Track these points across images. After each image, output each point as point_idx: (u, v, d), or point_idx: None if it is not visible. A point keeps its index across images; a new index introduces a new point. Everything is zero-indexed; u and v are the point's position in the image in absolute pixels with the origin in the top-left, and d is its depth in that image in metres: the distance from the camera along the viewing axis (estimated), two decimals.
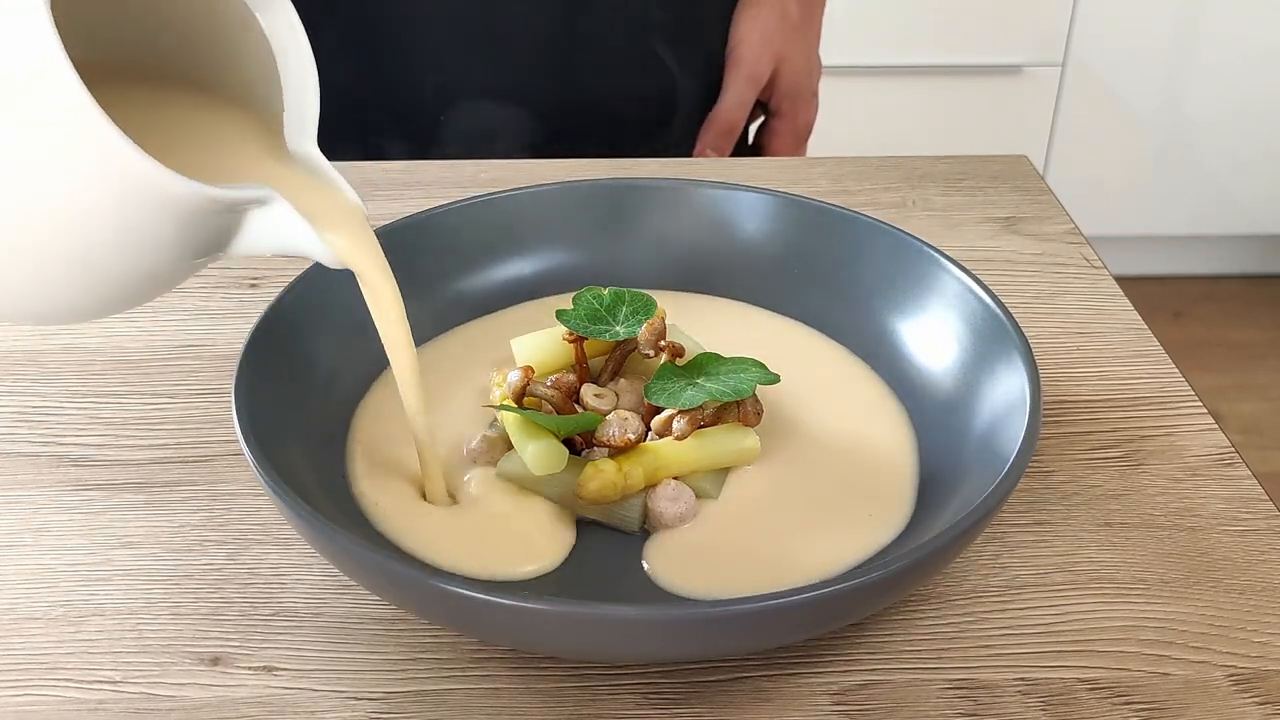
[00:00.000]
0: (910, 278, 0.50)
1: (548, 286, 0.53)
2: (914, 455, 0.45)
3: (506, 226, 0.53)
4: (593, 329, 0.46)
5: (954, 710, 0.38)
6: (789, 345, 0.51)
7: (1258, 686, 0.39)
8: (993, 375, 0.44)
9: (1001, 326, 0.45)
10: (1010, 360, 0.44)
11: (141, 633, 0.40)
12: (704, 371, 0.44)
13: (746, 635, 0.36)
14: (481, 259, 0.53)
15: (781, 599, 0.34)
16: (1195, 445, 0.49)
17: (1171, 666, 0.39)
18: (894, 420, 0.47)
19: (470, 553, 0.41)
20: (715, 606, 0.34)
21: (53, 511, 0.45)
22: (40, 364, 0.53)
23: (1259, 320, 2.28)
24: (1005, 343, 0.44)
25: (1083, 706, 0.38)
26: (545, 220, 0.54)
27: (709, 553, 0.41)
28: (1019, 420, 0.41)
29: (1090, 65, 2.09)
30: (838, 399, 0.48)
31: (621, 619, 0.34)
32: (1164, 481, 0.47)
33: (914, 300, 0.49)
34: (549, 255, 0.54)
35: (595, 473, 0.41)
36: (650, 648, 0.37)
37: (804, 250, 0.53)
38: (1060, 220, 0.64)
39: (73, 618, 0.41)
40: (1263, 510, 0.45)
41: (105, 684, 0.38)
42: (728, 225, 0.54)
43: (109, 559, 0.43)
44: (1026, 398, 0.42)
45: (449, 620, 0.37)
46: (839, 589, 0.34)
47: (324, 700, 0.38)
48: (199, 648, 0.40)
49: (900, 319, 0.50)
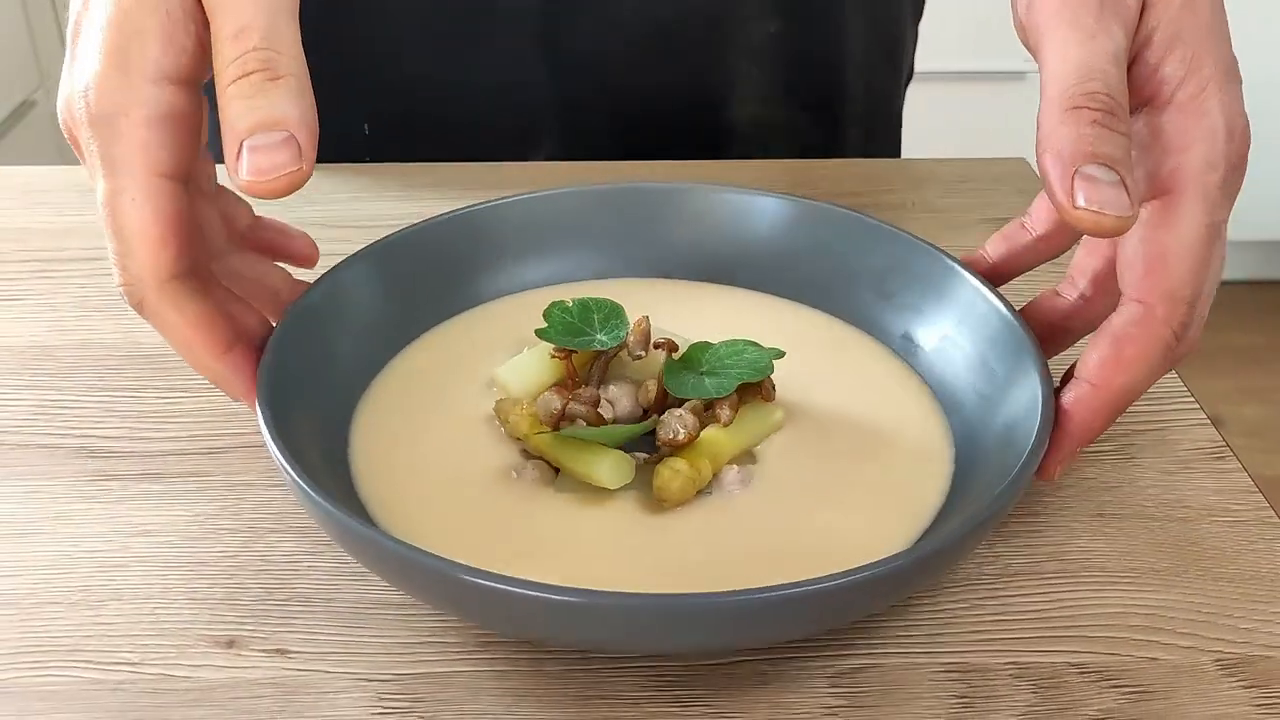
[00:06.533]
0: (933, 286, 0.50)
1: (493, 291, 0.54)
2: (949, 444, 0.46)
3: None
4: (578, 341, 0.47)
5: (947, 693, 0.39)
6: (806, 331, 0.52)
7: (1243, 671, 0.40)
8: (1010, 381, 0.45)
9: (1021, 338, 0.45)
10: (1026, 370, 0.44)
11: (159, 617, 0.41)
12: (707, 359, 0.46)
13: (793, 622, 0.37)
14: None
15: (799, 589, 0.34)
16: (1186, 439, 0.50)
17: (1160, 651, 0.40)
18: (926, 408, 0.48)
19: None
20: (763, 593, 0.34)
21: (71, 501, 0.46)
22: (58, 359, 0.54)
23: (1262, 325, 2.29)
24: (1023, 354, 0.44)
25: (1072, 689, 0.39)
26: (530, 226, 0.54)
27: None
28: (1029, 426, 0.41)
29: None
30: (865, 383, 0.49)
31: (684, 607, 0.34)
32: (1155, 474, 0.48)
33: (935, 306, 0.50)
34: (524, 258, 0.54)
35: (673, 474, 0.42)
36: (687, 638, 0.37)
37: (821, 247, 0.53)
38: None
39: (92, 602, 0.42)
40: (1252, 502, 0.46)
41: (124, 665, 0.40)
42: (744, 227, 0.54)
43: (126, 546, 0.44)
44: (1039, 408, 0.41)
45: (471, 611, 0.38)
46: (841, 584, 0.35)
47: (335, 681, 0.39)
48: (214, 631, 0.41)
49: (920, 324, 0.50)
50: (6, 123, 1.82)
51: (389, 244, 0.50)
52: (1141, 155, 0.41)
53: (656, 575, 0.40)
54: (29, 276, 0.60)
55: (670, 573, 0.40)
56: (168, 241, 0.39)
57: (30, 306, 0.58)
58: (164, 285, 0.40)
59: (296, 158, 0.36)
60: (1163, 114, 0.41)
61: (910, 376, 0.49)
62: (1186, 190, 0.40)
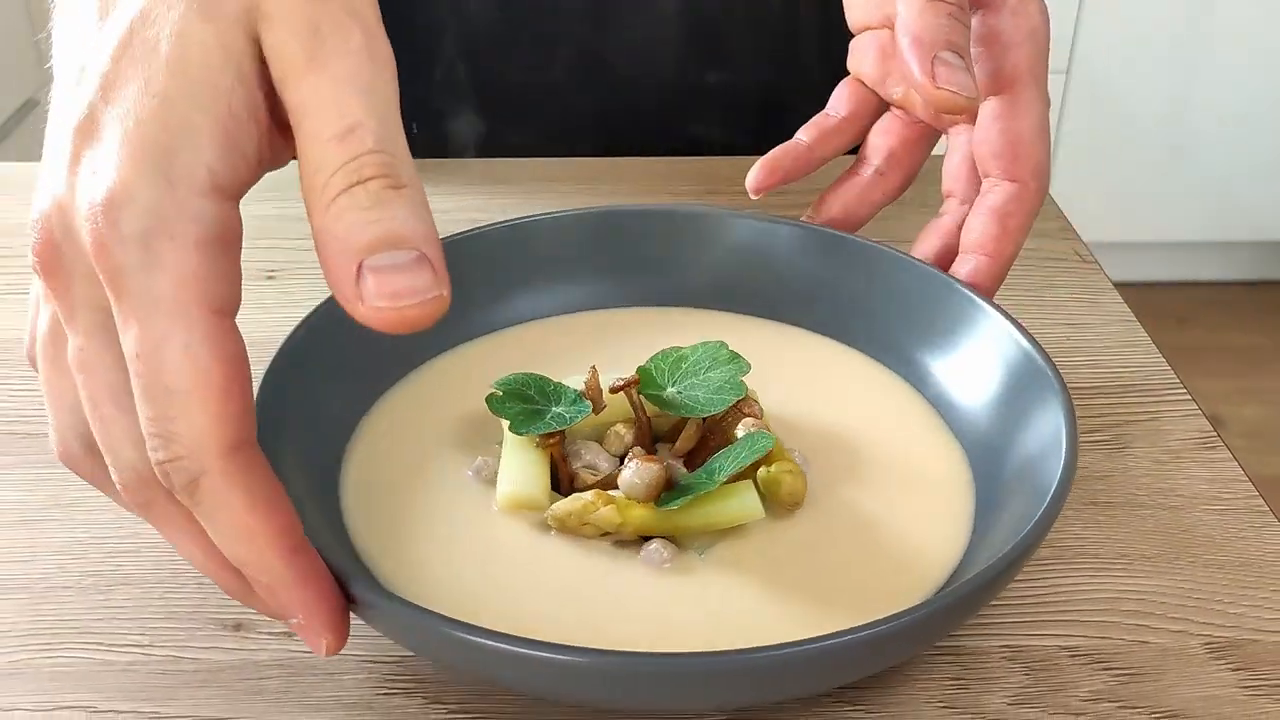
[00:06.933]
0: (949, 317, 0.48)
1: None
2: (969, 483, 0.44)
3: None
4: (540, 424, 0.43)
5: (942, 674, 0.40)
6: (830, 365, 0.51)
7: (1232, 654, 0.40)
8: (1028, 413, 0.43)
9: (1041, 371, 0.44)
10: (1048, 403, 0.42)
11: (168, 600, 0.42)
12: (675, 375, 0.44)
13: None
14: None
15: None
16: (1178, 429, 0.50)
17: (1150, 636, 0.41)
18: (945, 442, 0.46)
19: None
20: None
21: (82, 489, 0.47)
22: None
23: (1262, 325, 2.30)
24: (1045, 387, 0.43)
25: (1064, 672, 0.40)
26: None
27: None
28: (1054, 464, 0.40)
29: (1094, 72, 2.11)
30: (884, 415, 0.48)
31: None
32: (1148, 463, 0.49)
33: (949, 338, 0.48)
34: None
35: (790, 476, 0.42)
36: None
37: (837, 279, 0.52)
38: (1054, 218, 0.66)
39: (102, 586, 0.43)
40: (1241, 490, 0.47)
41: (134, 647, 0.40)
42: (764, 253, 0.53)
43: (136, 532, 0.45)
44: (1063, 443, 0.40)
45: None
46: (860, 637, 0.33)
47: (340, 663, 0.40)
48: (222, 615, 0.42)
49: (935, 354, 0.49)
50: (9, 122, 1.83)
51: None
52: (983, 52, 0.48)
53: (680, 631, 0.39)
54: None
55: (691, 626, 0.39)
56: (233, 395, 0.31)
57: None
58: (232, 455, 0.31)
59: (434, 281, 0.30)
60: (998, 16, 0.48)
61: (929, 411, 0.48)
62: (1027, 82, 0.48)
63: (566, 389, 0.44)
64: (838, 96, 0.54)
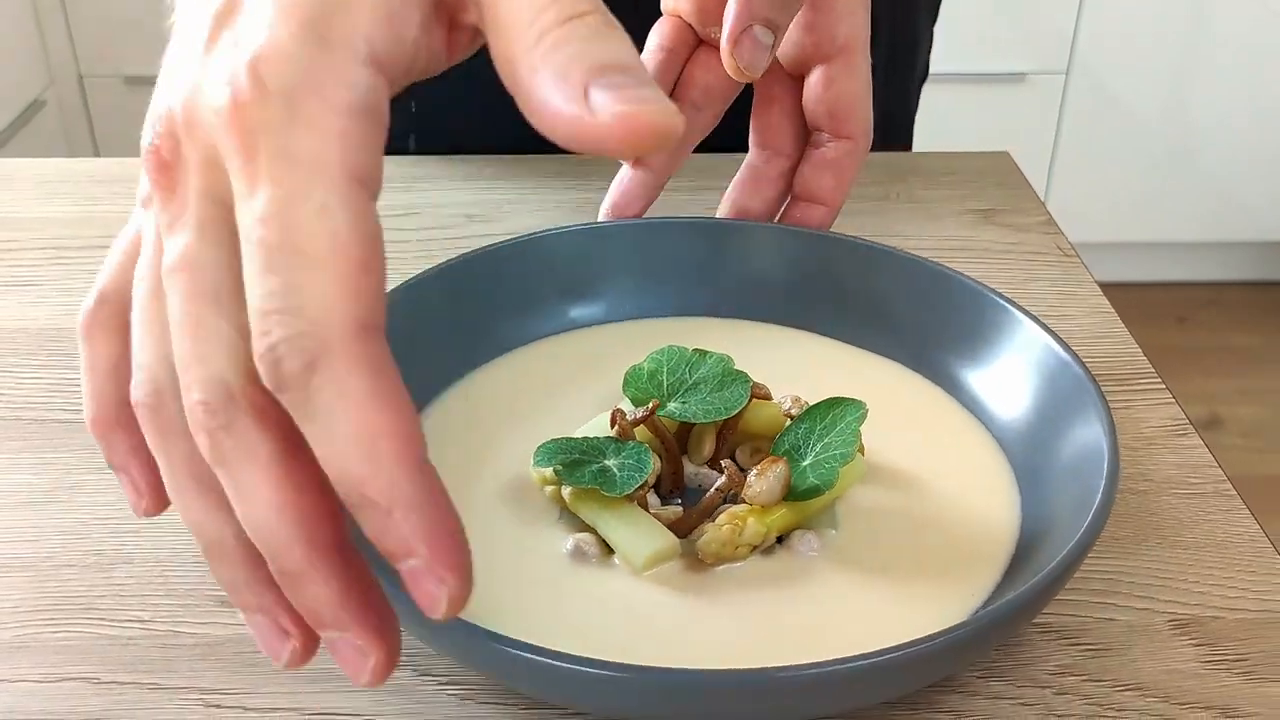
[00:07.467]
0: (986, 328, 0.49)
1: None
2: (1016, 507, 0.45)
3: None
4: (634, 477, 0.42)
5: None
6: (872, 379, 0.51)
7: (1195, 630, 0.42)
8: (1070, 428, 0.44)
9: (1081, 383, 0.45)
10: (1088, 417, 0.43)
11: (167, 578, 0.44)
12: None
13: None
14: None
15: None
16: (1153, 417, 0.52)
17: (1116, 613, 0.42)
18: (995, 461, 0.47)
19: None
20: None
21: (85, 473, 0.49)
22: (73, 340, 0.56)
23: (1262, 326, 2.31)
24: (1084, 398, 0.44)
25: (1034, 647, 0.41)
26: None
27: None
28: (1096, 481, 0.40)
29: (1094, 73, 2.12)
30: (933, 436, 0.48)
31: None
32: (1121, 450, 0.50)
33: (986, 348, 0.49)
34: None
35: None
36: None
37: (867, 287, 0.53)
38: (1037, 213, 0.67)
39: (104, 564, 0.44)
40: (1210, 475, 0.48)
41: (135, 622, 0.42)
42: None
43: None
44: (1105, 460, 0.41)
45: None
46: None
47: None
48: (220, 592, 0.43)
49: (970, 364, 0.50)
50: (16, 122, 1.85)
51: (420, 281, 0.49)
52: (817, 20, 0.54)
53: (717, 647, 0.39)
54: (45, 263, 0.62)
55: (726, 643, 0.40)
56: (371, 269, 0.27)
57: (46, 291, 0.60)
58: (361, 336, 0.27)
59: (668, 109, 0.27)
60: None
61: (976, 426, 0.49)
62: (855, 49, 0.54)
63: (597, 439, 0.44)
64: (657, 32, 0.57)
